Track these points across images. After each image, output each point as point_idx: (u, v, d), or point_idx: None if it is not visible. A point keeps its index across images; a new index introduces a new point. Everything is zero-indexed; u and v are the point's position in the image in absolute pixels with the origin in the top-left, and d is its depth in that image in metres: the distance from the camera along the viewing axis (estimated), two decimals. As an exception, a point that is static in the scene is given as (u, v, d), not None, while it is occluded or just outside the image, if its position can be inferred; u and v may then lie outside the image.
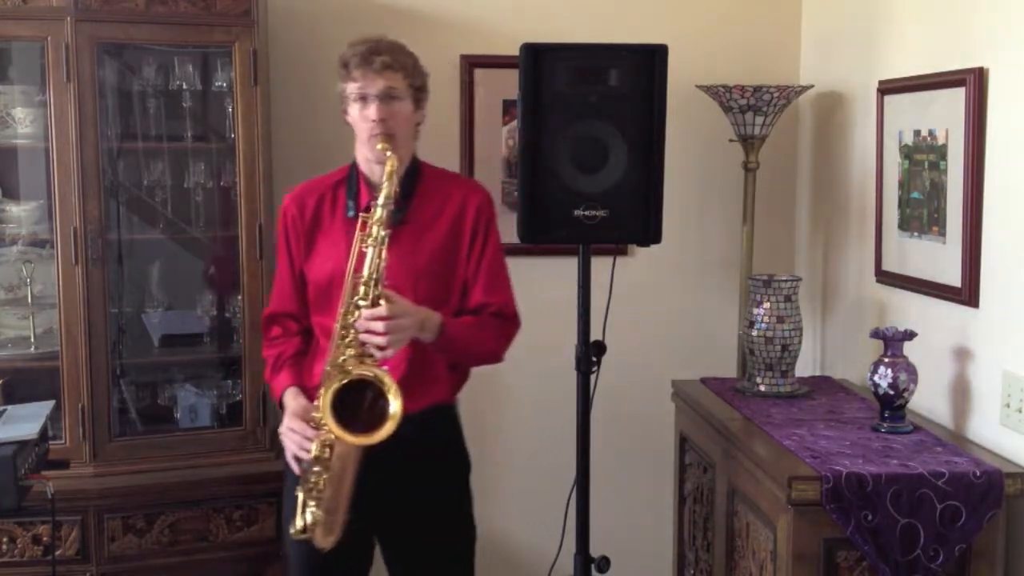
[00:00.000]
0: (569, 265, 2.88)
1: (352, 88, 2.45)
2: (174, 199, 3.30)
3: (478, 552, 3.70)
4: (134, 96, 3.25)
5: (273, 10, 3.34)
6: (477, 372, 3.63)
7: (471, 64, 3.53)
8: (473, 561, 2.70)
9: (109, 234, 3.12)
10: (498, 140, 3.58)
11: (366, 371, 2.31)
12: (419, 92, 2.53)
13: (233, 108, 3.13)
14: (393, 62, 2.45)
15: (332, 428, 2.28)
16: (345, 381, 2.31)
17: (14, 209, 3.21)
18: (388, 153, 2.39)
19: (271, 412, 3.15)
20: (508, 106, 3.54)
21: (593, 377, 2.82)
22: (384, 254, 2.34)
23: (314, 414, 2.35)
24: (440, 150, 3.49)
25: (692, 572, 3.21)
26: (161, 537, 3.10)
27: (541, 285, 3.60)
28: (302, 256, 2.55)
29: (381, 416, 2.28)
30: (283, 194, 2.64)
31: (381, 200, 2.36)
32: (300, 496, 2.39)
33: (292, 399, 2.48)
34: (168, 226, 3.31)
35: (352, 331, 2.33)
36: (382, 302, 2.31)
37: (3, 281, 3.24)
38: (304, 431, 2.37)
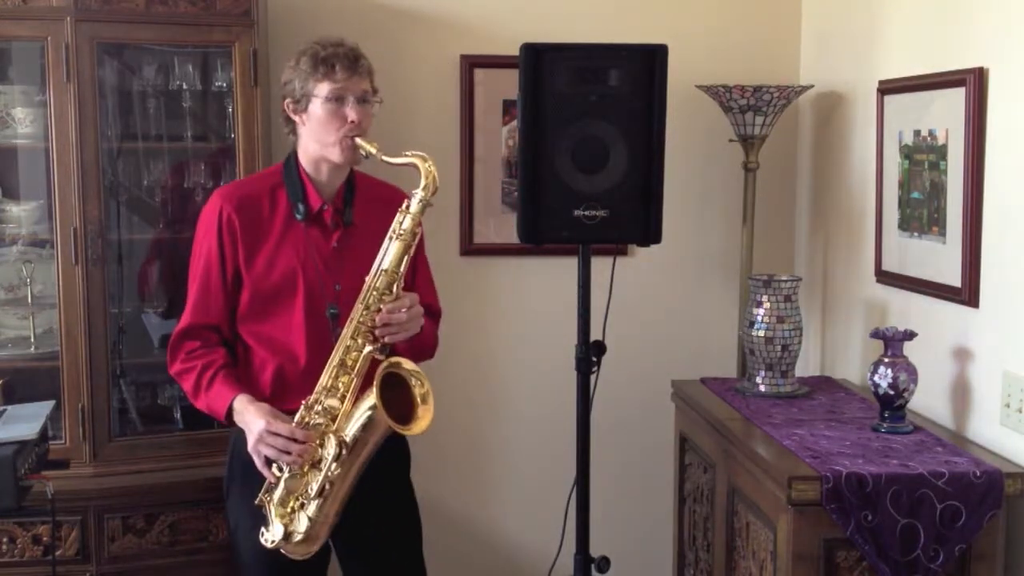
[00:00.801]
0: (569, 265, 2.88)
1: (327, 88, 2.42)
2: (174, 199, 3.30)
3: (479, 552, 3.72)
4: (134, 96, 3.25)
5: (273, 10, 3.35)
6: (477, 373, 3.65)
7: (471, 64, 3.53)
8: (421, 549, 2.72)
9: (109, 234, 3.12)
10: (498, 140, 3.58)
11: (406, 368, 2.40)
12: (376, 95, 2.54)
13: (233, 108, 3.13)
14: (370, 66, 2.50)
15: (382, 415, 2.31)
16: (391, 371, 2.37)
17: (14, 209, 3.21)
18: (409, 154, 2.42)
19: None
20: (508, 106, 3.54)
21: (593, 377, 2.82)
22: (413, 250, 2.41)
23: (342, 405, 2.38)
24: (440, 150, 3.49)
25: (692, 572, 3.21)
26: (161, 537, 3.10)
27: (541, 285, 3.61)
28: (240, 261, 2.45)
29: (404, 408, 2.37)
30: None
31: (421, 194, 2.40)
32: (267, 504, 2.38)
33: (251, 404, 2.39)
34: (168, 226, 3.30)
35: (368, 324, 2.37)
36: (403, 295, 2.40)
37: (3, 281, 3.24)
38: (292, 434, 2.33)
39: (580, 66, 2.67)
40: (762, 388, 3.06)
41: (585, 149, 2.68)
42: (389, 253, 2.38)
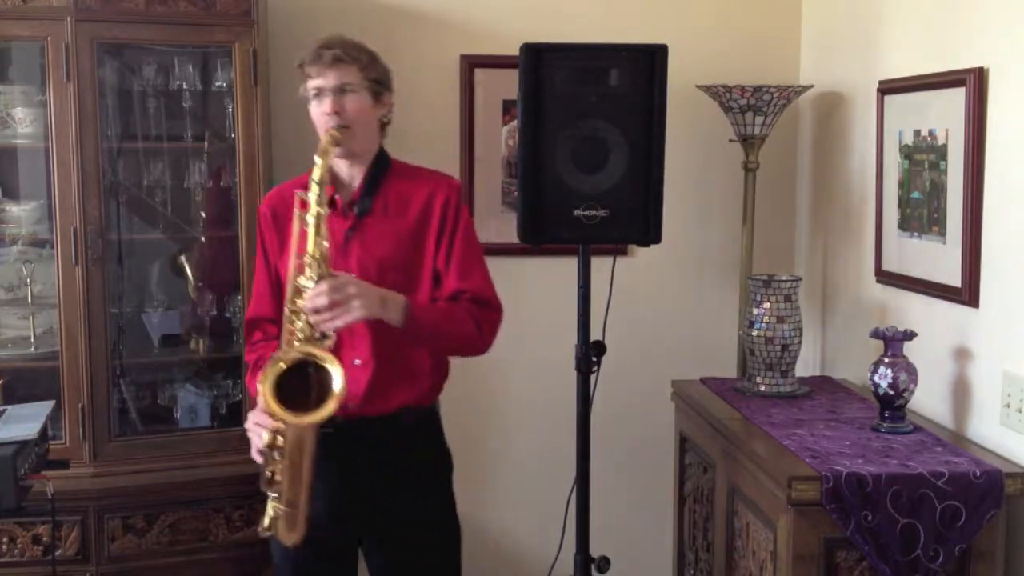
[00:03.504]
0: (569, 265, 2.88)
1: (309, 86, 2.45)
2: (174, 199, 3.30)
3: (478, 552, 3.71)
4: (134, 96, 3.25)
5: (273, 10, 3.35)
6: (477, 373, 3.65)
7: (471, 64, 3.53)
8: (460, 561, 2.69)
9: (109, 234, 3.12)
10: (498, 140, 3.58)
11: (302, 351, 2.25)
12: (378, 85, 2.48)
13: (233, 108, 3.14)
14: (344, 55, 2.43)
15: (272, 408, 2.21)
16: (282, 364, 2.24)
17: (14, 209, 3.21)
18: (328, 132, 2.36)
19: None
20: (508, 106, 3.54)
21: (593, 377, 2.82)
22: (323, 230, 2.28)
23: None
24: (440, 150, 3.50)
25: (692, 572, 3.21)
26: (161, 537, 3.10)
27: (541, 285, 3.61)
28: (276, 254, 2.54)
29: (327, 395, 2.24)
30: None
31: (316, 176, 2.29)
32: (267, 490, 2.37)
33: None
34: (168, 226, 3.31)
35: (301, 314, 2.28)
36: (324, 279, 2.27)
37: (3, 281, 3.24)
38: (264, 423, 2.31)
39: (580, 66, 2.67)
40: (762, 388, 3.06)
41: (585, 149, 2.68)
42: (307, 239, 2.29)
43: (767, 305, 3.03)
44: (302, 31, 3.43)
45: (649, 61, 2.67)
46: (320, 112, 2.43)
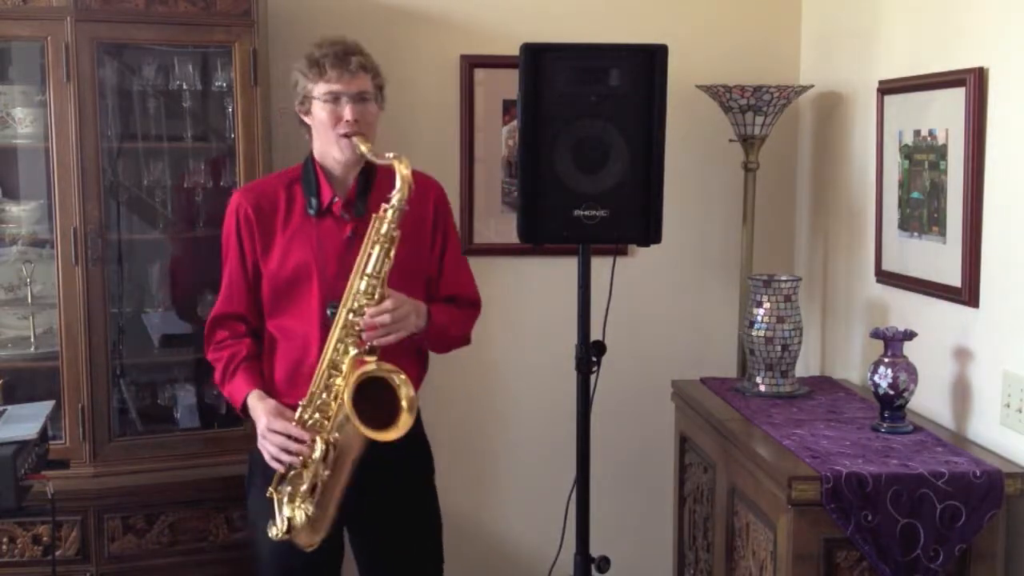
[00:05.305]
0: (569, 265, 2.88)
1: (323, 88, 2.46)
2: (174, 199, 3.30)
3: (478, 552, 3.72)
4: (134, 96, 3.25)
5: (273, 10, 3.34)
6: (477, 373, 3.65)
7: (471, 64, 3.53)
8: (442, 550, 2.73)
9: (109, 234, 3.12)
10: (498, 140, 3.58)
11: (382, 370, 2.37)
12: (381, 92, 2.57)
13: (233, 108, 3.14)
14: (366, 63, 2.50)
15: (354, 421, 2.29)
16: (364, 376, 2.34)
17: (14, 209, 3.21)
18: (390, 155, 2.40)
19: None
20: (508, 106, 3.54)
21: (593, 377, 2.82)
22: (392, 253, 2.38)
23: (317, 408, 2.38)
24: (440, 150, 3.50)
25: (692, 572, 3.21)
26: (161, 537, 3.10)
27: (541, 285, 3.61)
28: (257, 253, 2.54)
29: (389, 413, 2.35)
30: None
31: (395, 201, 2.38)
32: (276, 496, 2.41)
33: (260, 401, 2.49)
34: (168, 226, 3.30)
35: (355, 327, 2.37)
36: (388, 298, 2.38)
37: (3, 281, 3.24)
38: (288, 431, 2.38)
39: (580, 66, 2.67)
40: (762, 388, 3.06)
41: (585, 149, 2.68)
42: (370, 258, 2.39)
43: (767, 305, 3.03)
44: (302, 31, 3.43)
45: (649, 61, 2.67)
46: (336, 117, 2.45)
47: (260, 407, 2.47)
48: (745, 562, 2.70)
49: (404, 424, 2.34)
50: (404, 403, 2.37)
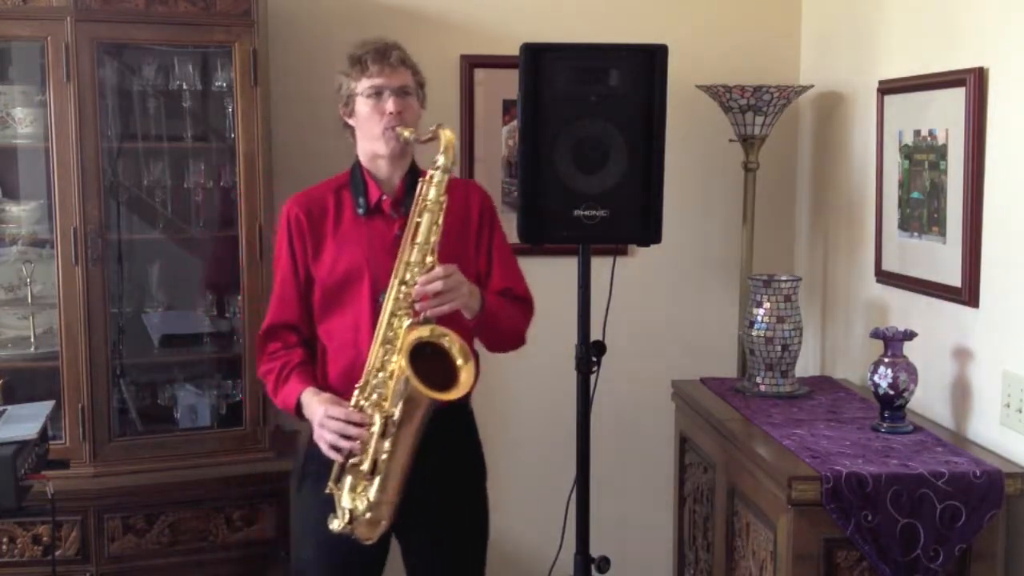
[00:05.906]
0: (569, 265, 2.88)
1: (365, 84, 2.47)
2: (174, 199, 3.30)
3: (478, 552, 3.70)
4: (134, 96, 3.25)
5: (273, 10, 3.34)
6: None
7: (471, 64, 3.53)
8: (484, 562, 2.70)
9: (109, 234, 3.12)
10: (498, 140, 3.58)
11: (434, 335, 2.33)
12: (422, 90, 2.58)
13: (233, 108, 3.13)
14: (406, 58, 2.52)
15: (413, 382, 2.25)
16: (417, 341, 2.30)
17: (14, 209, 3.21)
18: (432, 128, 2.40)
19: (271, 412, 3.15)
20: (508, 106, 3.54)
21: (593, 377, 2.82)
22: (440, 220, 2.37)
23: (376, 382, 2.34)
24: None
25: (692, 572, 3.21)
26: (161, 537, 3.10)
27: (541, 285, 3.58)
28: (308, 258, 2.53)
29: (446, 377, 2.31)
30: (283, 195, 2.63)
31: (441, 163, 2.37)
32: (336, 492, 2.35)
33: (315, 396, 2.44)
34: (168, 226, 3.31)
35: (407, 300, 2.34)
36: (438, 266, 2.35)
37: (3, 281, 3.24)
38: (347, 416, 2.33)
39: (580, 66, 2.67)
40: (762, 388, 3.06)
41: (585, 149, 2.68)
42: (419, 227, 2.37)
43: (767, 305, 3.03)
44: (302, 31, 3.44)
45: (649, 61, 2.67)
46: (381, 111, 2.46)
47: (315, 400, 2.42)
48: (745, 562, 2.70)
49: (466, 381, 2.30)
50: (459, 360, 2.31)
